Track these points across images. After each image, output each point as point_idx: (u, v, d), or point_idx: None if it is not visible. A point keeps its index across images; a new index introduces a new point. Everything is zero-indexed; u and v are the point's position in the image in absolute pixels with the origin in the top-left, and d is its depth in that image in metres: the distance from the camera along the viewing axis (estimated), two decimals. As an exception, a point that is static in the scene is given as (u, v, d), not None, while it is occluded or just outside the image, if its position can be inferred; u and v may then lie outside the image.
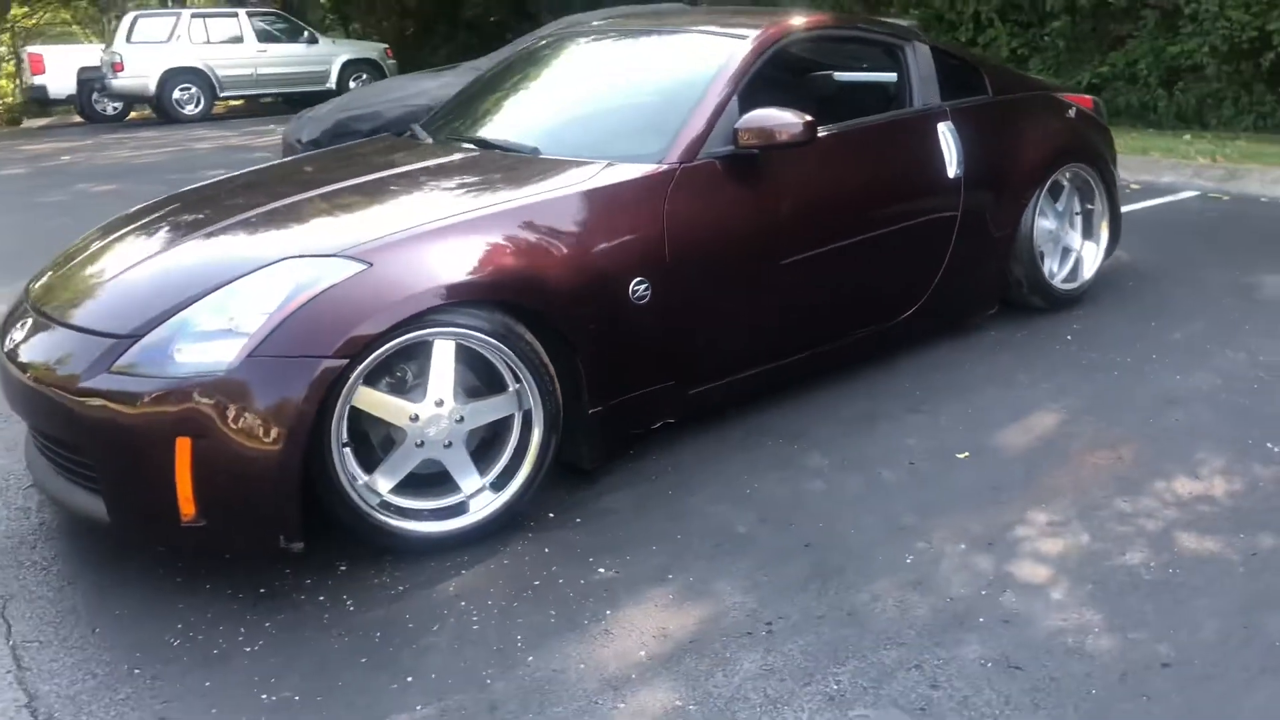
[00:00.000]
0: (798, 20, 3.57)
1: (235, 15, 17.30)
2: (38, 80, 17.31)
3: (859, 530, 2.66)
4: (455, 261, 2.62)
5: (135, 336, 2.49)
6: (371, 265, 2.54)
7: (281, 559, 2.62)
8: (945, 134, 3.73)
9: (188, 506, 2.41)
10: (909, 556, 2.53)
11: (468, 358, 2.66)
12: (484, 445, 2.76)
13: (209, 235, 2.87)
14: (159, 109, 16.24)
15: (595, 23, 4.32)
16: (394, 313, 2.47)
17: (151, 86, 15.99)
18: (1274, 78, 9.00)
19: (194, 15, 17.16)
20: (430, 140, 3.65)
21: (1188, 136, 8.52)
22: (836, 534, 2.65)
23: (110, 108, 17.31)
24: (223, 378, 2.37)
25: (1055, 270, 4.22)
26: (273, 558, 2.60)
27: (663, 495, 2.90)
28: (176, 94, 16.18)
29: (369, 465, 2.59)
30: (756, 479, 2.96)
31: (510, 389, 2.71)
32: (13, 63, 24.08)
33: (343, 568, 2.62)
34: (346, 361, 2.41)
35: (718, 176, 3.10)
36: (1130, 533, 2.59)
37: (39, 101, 18.33)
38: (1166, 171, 7.08)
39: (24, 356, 2.67)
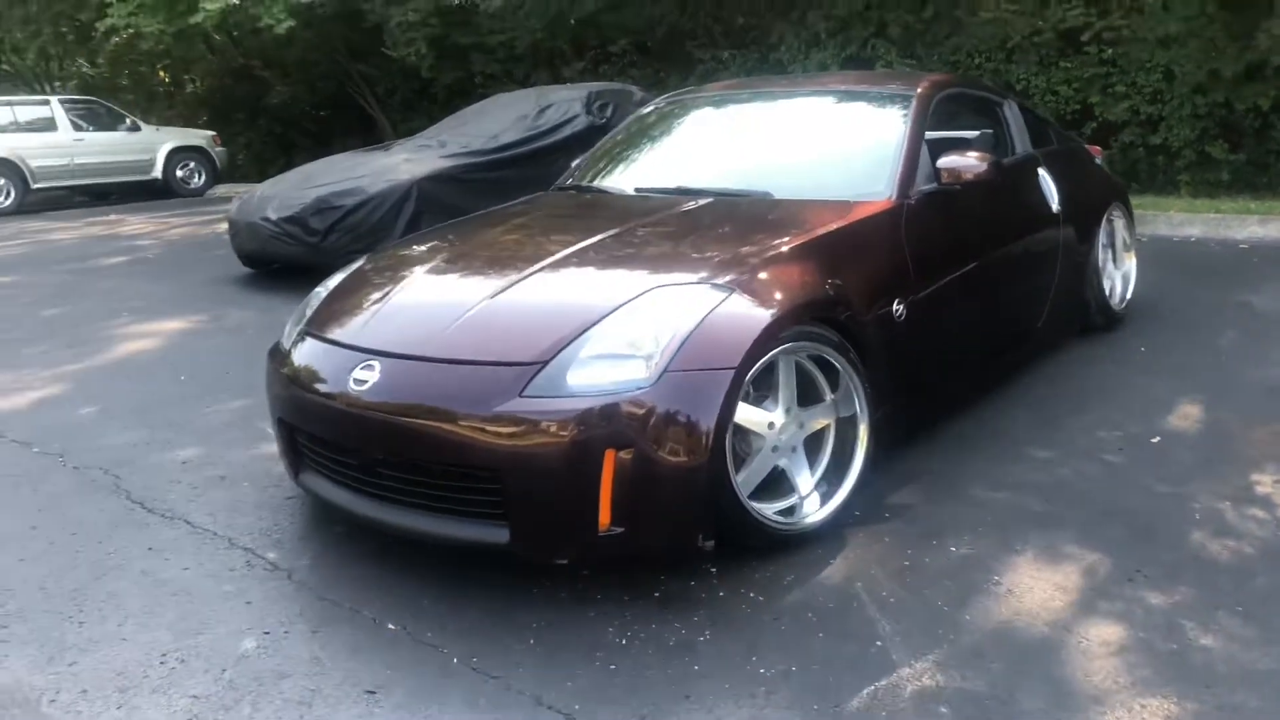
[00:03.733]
0: (938, 79, 4.11)
1: (48, 103, 16.38)
2: None
3: (1134, 500, 3.11)
4: (795, 287, 2.93)
5: (541, 363, 2.65)
6: (732, 292, 2.81)
7: (660, 565, 2.81)
8: (1044, 176, 4.34)
9: (605, 516, 2.58)
10: (1196, 514, 3.00)
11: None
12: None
13: (551, 269, 3.06)
14: (-37, 203, 15.02)
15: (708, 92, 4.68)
16: (772, 329, 2.75)
17: (-45, 178, 14.86)
18: (1096, 143, 10.37)
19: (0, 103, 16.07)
20: (624, 191, 3.93)
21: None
22: (1120, 504, 3.09)
23: (-107, 204, 15.84)
24: (643, 394, 2.57)
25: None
26: (670, 561, 2.80)
27: (941, 491, 3.25)
28: (-15, 187, 15.08)
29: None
30: (1005, 471, 3.36)
31: (828, 399, 3.02)
32: None
33: (713, 569, 2.82)
34: (745, 372, 2.67)
35: (929, 209, 3.55)
36: (1343, 482, 3.17)
37: None
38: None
39: (390, 397, 2.75)
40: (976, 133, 4.27)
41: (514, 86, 12.11)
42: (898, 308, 3.26)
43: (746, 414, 2.79)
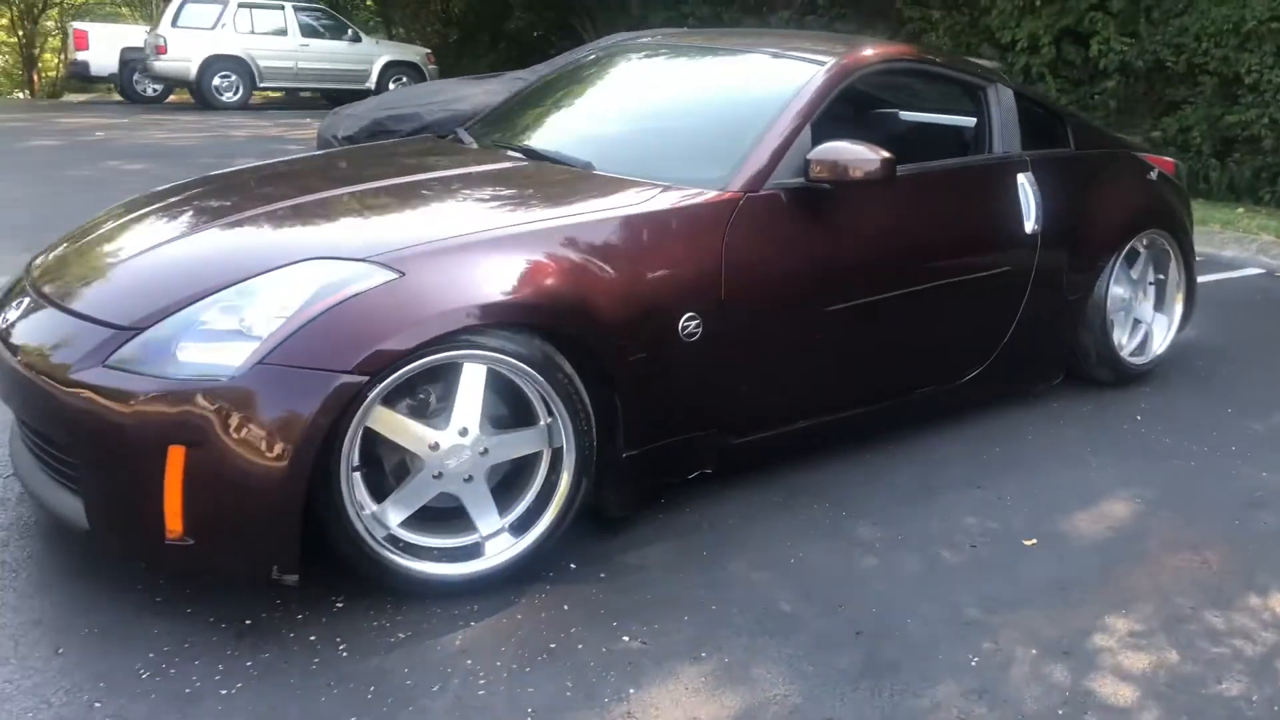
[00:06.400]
0: (878, 50, 3.33)
1: (282, 8, 17.27)
2: (80, 56, 17.31)
3: (917, 620, 2.38)
4: (496, 278, 2.36)
5: (137, 329, 2.24)
6: (404, 274, 2.29)
7: (275, 588, 2.36)
8: (1025, 185, 3.47)
9: (174, 522, 2.16)
10: (974, 658, 2.25)
11: (497, 384, 2.40)
12: (505, 483, 2.50)
13: (228, 226, 2.62)
14: (198, 94, 16.19)
15: (647, 39, 4.08)
16: (424, 329, 2.21)
17: (193, 71, 15.96)
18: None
19: (240, 5, 17.01)
20: (475, 144, 3.41)
21: (1240, 209, 8.21)
22: (892, 622, 2.37)
23: (150, 89, 17.34)
24: (226, 384, 2.12)
25: (1124, 342, 3.93)
26: (266, 587, 2.33)
27: (697, 555, 2.62)
28: (216, 80, 16.16)
29: (380, 493, 2.34)
30: (802, 547, 2.68)
31: (541, 423, 2.45)
32: (59, 37, 24.19)
33: (339, 604, 2.35)
34: (365, 379, 2.16)
35: (783, 209, 2.85)
36: (1226, 655, 2.30)
37: (80, 77, 18.39)
38: (1229, 245, 6.79)
39: (17, 339, 2.43)
40: (938, 117, 3.46)
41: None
42: (689, 325, 2.62)
43: (395, 427, 2.29)
